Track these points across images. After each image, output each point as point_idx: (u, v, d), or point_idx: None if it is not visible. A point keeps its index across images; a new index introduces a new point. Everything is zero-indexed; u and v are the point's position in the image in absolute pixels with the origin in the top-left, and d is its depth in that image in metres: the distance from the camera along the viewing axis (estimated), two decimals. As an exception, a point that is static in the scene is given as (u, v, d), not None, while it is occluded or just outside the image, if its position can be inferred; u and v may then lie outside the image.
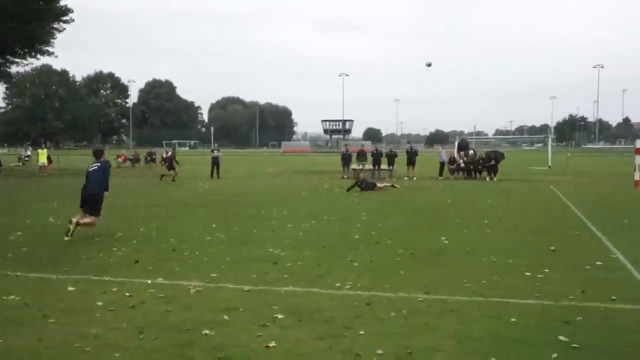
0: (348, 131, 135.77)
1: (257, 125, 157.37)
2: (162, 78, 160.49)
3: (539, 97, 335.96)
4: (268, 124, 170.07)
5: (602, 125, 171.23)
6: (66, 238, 10.53)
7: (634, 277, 7.81)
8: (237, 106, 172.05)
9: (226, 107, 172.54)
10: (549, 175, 32.51)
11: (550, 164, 40.10)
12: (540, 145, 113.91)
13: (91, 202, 11.21)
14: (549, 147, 44.87)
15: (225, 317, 6.09)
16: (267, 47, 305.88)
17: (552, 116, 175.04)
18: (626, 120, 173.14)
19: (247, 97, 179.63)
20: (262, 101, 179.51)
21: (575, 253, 9.51)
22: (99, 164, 11.42)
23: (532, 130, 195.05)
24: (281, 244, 10.41)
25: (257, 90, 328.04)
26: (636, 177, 23.83)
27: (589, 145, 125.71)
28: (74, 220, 10.80)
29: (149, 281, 7.65)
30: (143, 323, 5.91)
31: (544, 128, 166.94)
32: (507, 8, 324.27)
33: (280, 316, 6.09)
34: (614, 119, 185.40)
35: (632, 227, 12.44)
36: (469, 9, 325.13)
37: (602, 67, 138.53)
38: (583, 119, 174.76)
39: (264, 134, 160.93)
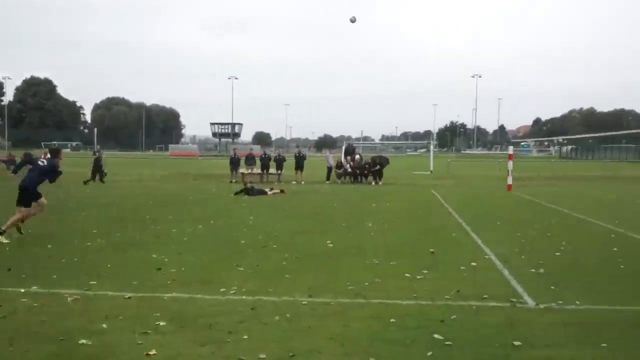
0: (237, 135, 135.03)
1: (143, 127, 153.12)
2: (41, 75, 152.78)
3: (422, 104, 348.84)
4: (155, 126, 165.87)
5: (480, 131, 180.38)
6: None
7: (503, 277, 8.29)
8: (122, 107, 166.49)
9: (111, 107, 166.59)
10: (431, 179, 33.84)
11: (432, 168, 41.76)
12: (423, 150, 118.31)
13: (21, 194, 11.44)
14: (431, 152, 46.79)
15: (104, 325, 5.91)
16: (152, 47, 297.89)
17: (434, 123, 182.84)
18: (502, 128, 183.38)
19: (133, 98, 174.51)
20: (148, 102, 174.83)
21: (452, 254, 9.96)
22: (44, 162, 11.82)
23: (416, 136, 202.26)
24: (165, 249, 10.22)
25: (144, 91, 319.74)
26: (509, 182, 25.29)
27: (468, 151, 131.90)
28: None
29: (22, 290, 7.29)
30: (14, 334, 5.62)
31: (427, 134, 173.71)
32: (392, 15, 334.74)
33: (162, 323, 5.98)
34: (490, 126, 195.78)
35: (504, 229, 13.20)
36: (360, 14, 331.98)
37: (480, 77, 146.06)
38: (463, 125, 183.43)
39: (150, 136, 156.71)
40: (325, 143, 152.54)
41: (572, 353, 5.21)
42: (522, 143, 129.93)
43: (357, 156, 31.79)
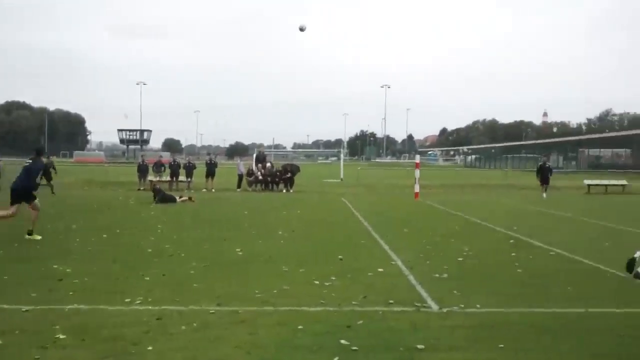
0: (146, 141, 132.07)
1: (45, 132, 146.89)
2: None
3: (334, 112, 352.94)
4: (59, 132, 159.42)
5: (390, 141, 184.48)
6: None
7: (409, 282, 8.49)
8: (23, 111, 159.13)
9: (10, 112, 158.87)
10: (341, 187, 34.25)
11: (342, 176, 42.29)
12: (334, 159, 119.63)
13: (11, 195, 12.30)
14: (341, 160, 47.38)
15: (0, 341, 5.62)
16: (55, 50, 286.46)
17: (345, 131, 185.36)
18: (410, 137, 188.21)
19: (35, 103, 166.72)
20: (51, 107, 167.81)
21: (360, 261, 10.12)
22: (29, 162, 12.60)
23: (328, 144, 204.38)
24: (67, 259, 9.84)
25: (47, 96, 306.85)
26: (416, 189, 25.98)
27: (378, 160, 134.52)
28: None
29: None
30: None
31: (338, 142, 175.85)
32: (294, 28, 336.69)
33: (62, 336, 5.75)
34: (400, 136, 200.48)
35: (411, 235, 13.54)
36: (269, 21, 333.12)
37: (389, 87, 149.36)
38: (373, 134, 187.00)
39: (54, 142, 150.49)
40: (237, 150, 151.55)
41: (472, 355, 5.40)
42: (430, 152, 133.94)
43: (268, 164, 31.79)
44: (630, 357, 5.44)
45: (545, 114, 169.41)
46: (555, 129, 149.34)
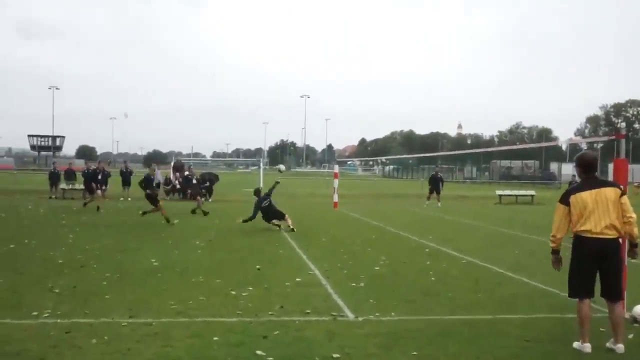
0: (59, 148, 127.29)
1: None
2: None
3: (254, 122, 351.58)
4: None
5: (310, 150, 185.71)
6: None
7: (326, 291, 8.55)
8: None
9: None
10: (261, 196, 34.06)
11: (262, 185, 42.07)
12: (254, 168, 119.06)
13: None
14: (261, 170, 47.19)
15: None
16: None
17: (265, 140, 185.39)
18: (330, 147, 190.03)
19: None
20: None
21: (278, 270, 10.11)
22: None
23: (248, 153, 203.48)
24: (-30, 271, 9.35)
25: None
26: (335, 199, 26.22)
27: (298, 169, 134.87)
28: None
29: None
30: None
31: (259, 151, 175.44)
32: (221, 34, 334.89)
33: (-39, 353, 5.46)
34: (319, 145, 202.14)
35: (329, 244, 13.65)
36: (190, 30, 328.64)
37: (309, 97, 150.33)
38: (293, 144, 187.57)
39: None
40: (154, 158, 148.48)
41: (386, 362, 5.49)
42: (349, 162, 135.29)
43: (187, 172, 31.28)
44: (529, 359, 5.67)
45: (460, 126, 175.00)
46: (469, 141, 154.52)
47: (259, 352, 5.64)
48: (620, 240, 5.96)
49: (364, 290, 8.66)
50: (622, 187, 6.12)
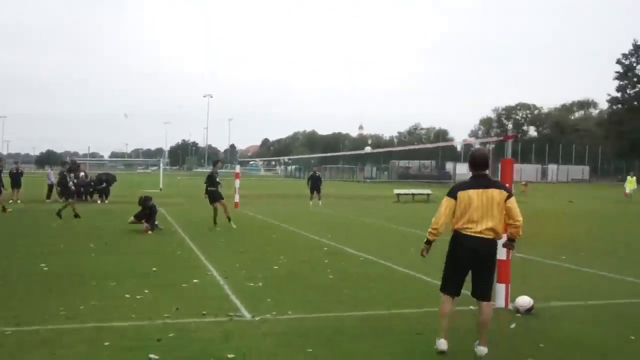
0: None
1: None
2: None
3: (154, 121, 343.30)
4: None
5: (212, 150, 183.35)
6: None
7: (224, 292, 8.49)
8: None
9: None
10: (160, 197, 33.35)
11: (161, 186, 41.28)
12: (155, 168, 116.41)
13: None
14: (161, 170, 46.26)
15: None
16: None
17: (166, 140, 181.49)
18: (232, 147, 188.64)
19: None
20: None
21: (175, 272, 9.93)
22: None
23: (148, 153, 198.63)
24: None
25: None
26: (236, 199, 26.06)
27: (200, 169, 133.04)
28: None
29: None
30: None
31: (159, 151, 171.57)
32: (117, 29, 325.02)
33: None
34: (222, 145, 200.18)
35: (228, 245, 13.54)
36: (82, 26, 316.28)
37: (212, 97, 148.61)
38: (195, 144, 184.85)
39: None
40: (48, 159, 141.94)
41: (281, 360, 5.51)
42: (251, 162, 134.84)
43: (82, 173, 30.15)
44: (426, 352, 5.86)
45: (361, 127, 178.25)
46: (370, 141, 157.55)
47: (152, 355, 5.52)
48: (498, 242, 5.95)
49: (262, 289, 8.66)
50: (509, 189, 6.13)
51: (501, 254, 7.64)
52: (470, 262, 5.85)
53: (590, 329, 6.85)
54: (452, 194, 6.02)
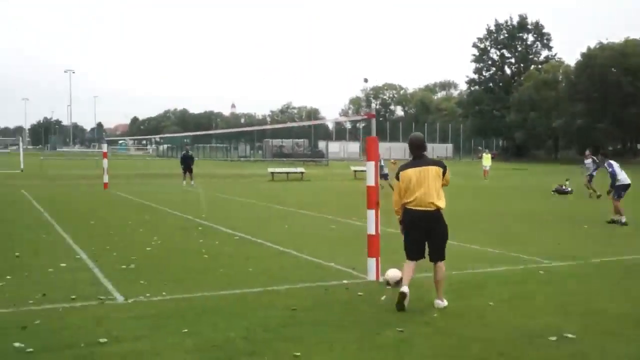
0: None
1: None
2: None
3: (12, 98, 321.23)
4: None
5: (78, 129, 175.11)
6: None
7: (94, 275, 8.22)
8: None
9: None
10: (21, 179, 31.56)
11: (22, 167, 38.98)
12: (15, 147, 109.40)
13: None
14: (21, 150, 43.63)
15: None
16: None
17: (25, 119, 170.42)
18: (100, 125, 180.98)
19: None
20: None
21: (41, 257, 9.50)
22: None
23: (7, 132, 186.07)
24: None
25: None
26: (105, 180, 25.14)
27: (65, 149, 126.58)
28: None
29: None
30: None
31: (19, 130, 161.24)
32: None
33: None
34: (88, 124, 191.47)
35: (98, 227, 13.08)
36: None
37: (74, 73, 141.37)
38: (58, 122, 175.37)
39: None
40: None
41: (156, 342, 5.43)
42: (120, 141, 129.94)
43: None
44: (301, 326, 6.00)
45: (233, 106, 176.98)
46: (242, 120, 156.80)
47: (17, 344, 5.27)
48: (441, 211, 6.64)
49: (134, 271, 8.47)
50: (445, 165, 6.82)
51: (370, 229, 7.97)
52: (422, 232, 6.64)
53: (455, 298, 7.26)
54: (397, 177, 6.80)
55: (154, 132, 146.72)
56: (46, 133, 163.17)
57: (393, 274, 7.62)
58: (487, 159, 37.19)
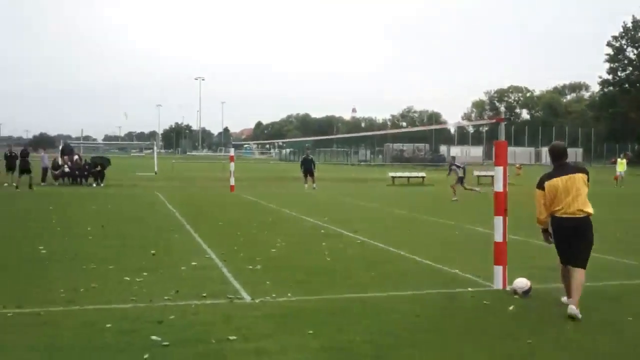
0: None
1: None
2: None
3: (147, 104, 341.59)
4: None
5: (206, 133, 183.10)
6: None
7: (223, 275, 8.54)
8: None
9: None
10: (156, 181, 33.40)
11: (156, 169, 41.25)
12: (149, 151, 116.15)
13: None
14: (155, 153, 46.18)
15: None
16: None
17: (159, 124, 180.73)
18: (226, 130, 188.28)
19: None
20: None
21: (174, 255, 9.98)
22: None
23: (141, 136, 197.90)
24: None
25: None
26: (232, 182, 26.06)
27: (194, 152, 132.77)
28: None
29: None
30: None
31: (153, 135, 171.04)
32: (111, 14, 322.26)
33: None
34: (215, 129, 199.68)
35: (226, 228, 13.58)
36: (74, 8, 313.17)
37: (204, 80, 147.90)
38: (188, 127, 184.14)
39: None
40: (42, 142, 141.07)
41: (282, 342, 5.56)
42: (245, 145, 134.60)
43: (76, 156, 30.17)
44: (425, 333, 5.92)
45: (354, 110, 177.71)
46: (363, 124, 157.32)
47: (154, 337, 5.57)
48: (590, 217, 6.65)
49: (260, 272, 8.71)
50: (588, 172, 6.85)
51: (498, 236, 7.73)
52: (570, 238, 6.69)
53: (587, 310, 6.90)
54: (540, 186, 6.81)
55: (276, 136, 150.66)
56: (177, 137, 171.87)
57: (521, 283, 7.35)
58: (621, 165, 35.09)
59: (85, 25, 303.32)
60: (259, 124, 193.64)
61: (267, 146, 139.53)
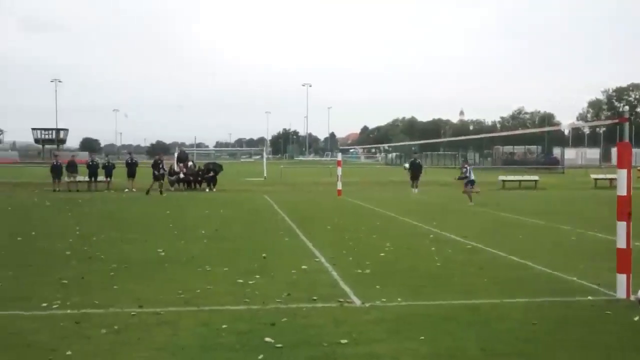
0: (62, 141, 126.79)
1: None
2: None
3: (256, 111, 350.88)
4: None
5: (312, 138, 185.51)
6: None
7: (332, 278, 8.60)
8: None
9: None
10: (265, 185, 34.19)
11: (265, 175, 42.21)
12: (258, 157, 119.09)
13: None
14: (264, 159, 47.30)
15: None
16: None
17: (267, 130, 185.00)
18: (332, 135, 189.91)
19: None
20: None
21: (284, 258, 10.16)
22: None
23: (251, 142, 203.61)
24: (-22, 264, 9.42)
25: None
26: (339, 187, 26.25)
27: (301, 157, 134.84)
28: None
29: None
30: None
31: (261, 140, 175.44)
32: (217, 23, 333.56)
33: (-28, 344, 5.51)
34: (322, 134, 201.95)
35: (334, 232, 13.68)
36: (169, 20, 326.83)
37: (311, 86, 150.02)
38: (295, 133, 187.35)
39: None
40: (158, 150, 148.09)
41: (393, 347, 5.52)
42: (351, 150, 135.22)
43: (190, 163, 31.44)
44: (544, 341, 5.69)
45: (462, 113, 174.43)
46: (471, 127, 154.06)
47: (267, 339, 5.68)
48: None
49: (369, 276, 8.70)
50: None
51: (621, 243, 7.32)
52: None
53: None
54: None
55: (382, 140, 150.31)
56: (284, 143, 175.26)
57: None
58: None
59: (195, 38, 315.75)
60: (364, 129, 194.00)
61: (373, 150, 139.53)
